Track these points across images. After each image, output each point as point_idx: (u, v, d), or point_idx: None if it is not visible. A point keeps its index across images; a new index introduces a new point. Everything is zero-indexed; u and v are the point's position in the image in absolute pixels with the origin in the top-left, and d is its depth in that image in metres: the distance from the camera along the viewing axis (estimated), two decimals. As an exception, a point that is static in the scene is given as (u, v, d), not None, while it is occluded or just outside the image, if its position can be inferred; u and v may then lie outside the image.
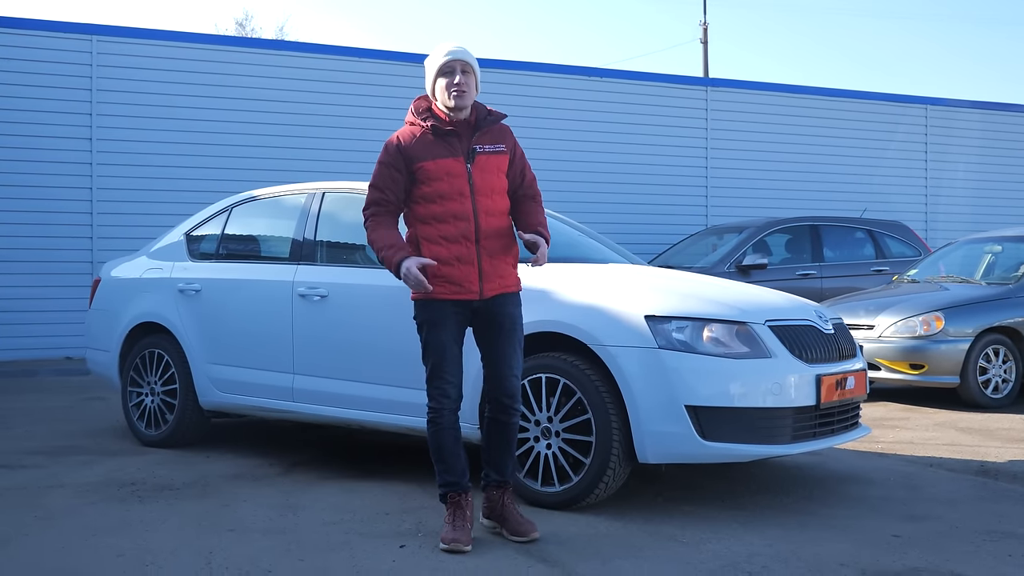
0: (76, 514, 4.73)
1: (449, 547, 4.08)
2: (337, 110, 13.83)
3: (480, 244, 4.17)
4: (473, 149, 4.20)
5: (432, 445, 4.25)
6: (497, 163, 4.27)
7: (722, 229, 12.92)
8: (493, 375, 4.29)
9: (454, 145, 4.19)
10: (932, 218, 17.71)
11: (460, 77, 4.17)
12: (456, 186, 4.15)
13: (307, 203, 6.12)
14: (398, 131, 4.27)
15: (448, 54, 4.18)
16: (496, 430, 4.33)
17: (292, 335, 5.81)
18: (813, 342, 4.95)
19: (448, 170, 4.15)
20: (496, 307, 4.24)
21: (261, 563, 3.94)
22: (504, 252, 4.25)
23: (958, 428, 7.42)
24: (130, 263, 7.19)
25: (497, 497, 4.33)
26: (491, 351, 4.29)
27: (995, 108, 18.52)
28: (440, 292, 4.16)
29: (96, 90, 12.72)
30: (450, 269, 4.14)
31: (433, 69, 4.22)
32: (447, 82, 4.18)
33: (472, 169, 4.19)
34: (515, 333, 4.29)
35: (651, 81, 15.94)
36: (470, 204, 4.17)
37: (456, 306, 4.19)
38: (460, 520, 4.18)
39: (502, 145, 4.29)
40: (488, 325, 4.27)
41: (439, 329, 4.19)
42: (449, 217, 4.15)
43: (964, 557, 4.06)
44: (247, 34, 39.95)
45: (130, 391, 6.71)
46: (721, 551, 4.12)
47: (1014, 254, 9.71)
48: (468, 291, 4.17)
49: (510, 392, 4.27)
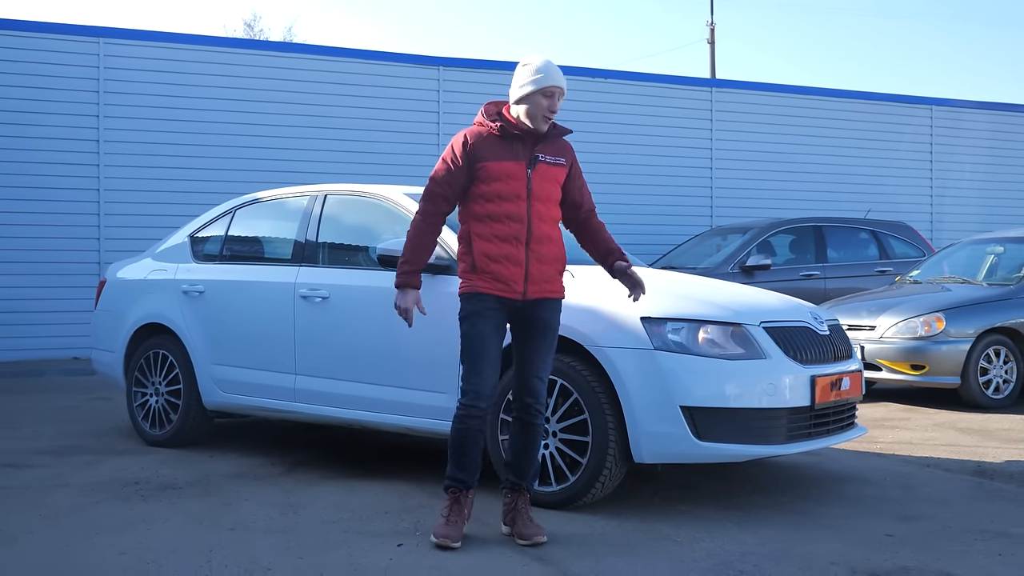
0: (80, 513, 4.80)
1: (439, 542, 4.15)
2: (343, 112, 13.90)
3: (530, 247, 4.27)
4: (536, 156, 4.32)
5: (453, 440, 4.28)
6: (555, 174, 4.38)
7: (726, 230, 12.96)
8: (520, 375, 4.37)
9: (518, 150, 4.29)
10: (937, 219, 17.72)
11: (557, 103, 4.29)
12: (514, 188, 4.25)
13: (309, 205, 6.18)
14: (466, 130, 4.37)
15: (557, 79, 4.27)
16: (520, 430, 4.38)
17: (294, 336, 5.88)
18: (808, 343, 5.00)
19: (509, 172, 4.25)
20: (536, 310, 4.32)
21: (261, 561, 4.00)
22: (552, 258, 4.35)
23: (958, 428, 7.46)
24: (135, 264, 7.26)
25: (511, 501, 4.37)
26: (522, 352, 4.37)
27: (1000, 109, 18.51)
28: (484, 287, 4.24)
29: (103, 92, 12.81)
30: (498, 267, 4.23)
31: (535, 85, 4.26)
32: (547, 104, 4.27)
33: (532, 175, 4.29)
34: (548, 337, 4.37)
35: (655, 82, 15.98)
36: (525, 207, 4.26)
37: (499, 303, 4.27)
38: (456, 516, 4.24)
39: (563, 159, 4.42)
40: (524, 326, 4.35)
41: (480, 321, 4.25)
42: (504, 217, 4.24)
43: (955, 556, 4.11)
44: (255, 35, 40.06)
45: (135, 391, 6.78)
46: (715, 550, 4.17)
47: (1016, 255, 9.74)
48: (512, 290, 4.25)
49: (534, 393, 4.34)
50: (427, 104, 14.38)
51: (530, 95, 4.27)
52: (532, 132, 4.31)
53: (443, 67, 14.55)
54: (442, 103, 14.43)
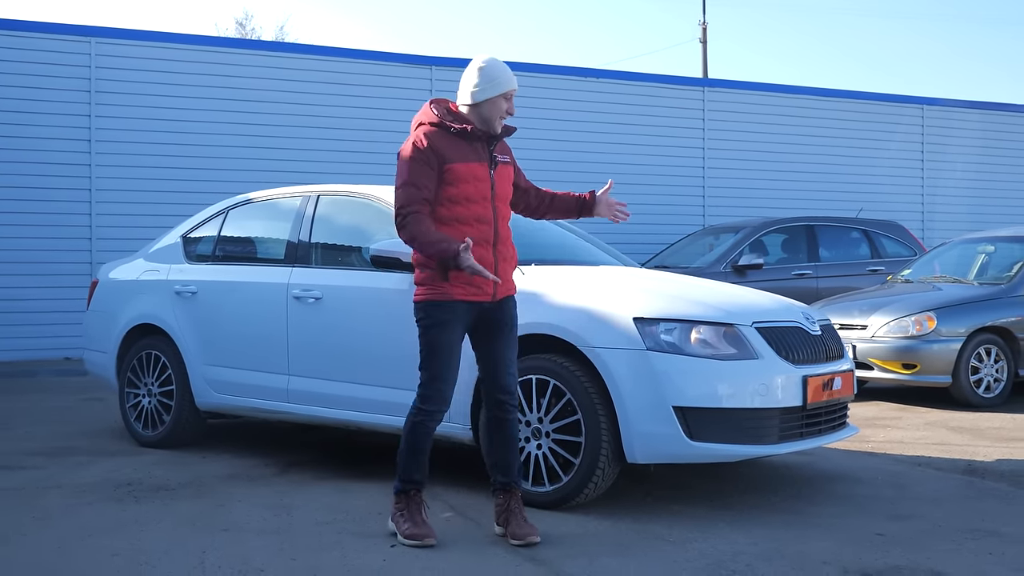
0: (73, 514, 4.80)
1: (421, 542, 4.18)
2: (335, 112, 13.89)
3: (496, 248, 4.30)
4: (494, 157, 4.35)
5: (410, 445, 4.31)
6: (508, 173, 4.45)
7: (719, 229, 12.98)
8: (491, 374, 4.38)
9: (479, 151, 4.31)
10: (928, 218, 17.77)
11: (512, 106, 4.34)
12: (481, 190, 4.27)
13: (302, 206, 6.18)
14: (423, 131, 4.28)
15: (514, 79, 4.33)
16: (497, 428, 4.40)
17: (287, 337, 5.88)
18: (800, 343, 5.02)
19: (475, 174, 4.26)
20: (502, 309, 4.37)
21: (254, 562, 4.01)
22: (511, 257, 4.43)
23: (949, 427, 7.49)
24: (127, 265, 7.25)
25: (504, 501, 4.37)
26: (490, 351, 4.39)
27: (991, 108, 18.57)
28: (459, 293, 4.24)
29: (95, 92, 12.78)
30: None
31: (496, 89, 4.27)
32: (506, 107, 4.32)
33: (494, 175, 4.32)
34: (514, 334, 4.43)
35: (648, 82, 16.00)
36: (491, 208, 4.29)
37: (469, 307, 4.28)
38: (418, 516, 4.28)
39: (508, 157, 4.47)
40: (492, 326, 4.37)
41: (448, 330, 4.26)
42: (473, 220, 4.25)
43: (945, 555, 4.13)
44: (247, 34, 40.00)
45: (127, 392, 6.78)
46: (707, 550, 4.18)
47: (1007, 254, 9.77)
48: (484, 293, 4.28)
49: (508, 389, 4.37)
50: (419, 104, 14.14)
51: (492, 99, 4.28)
52: (485, 132, 4.33)
53: (435, 66, 14.54)
54: (434, 102, 14.39)
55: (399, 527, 4.28)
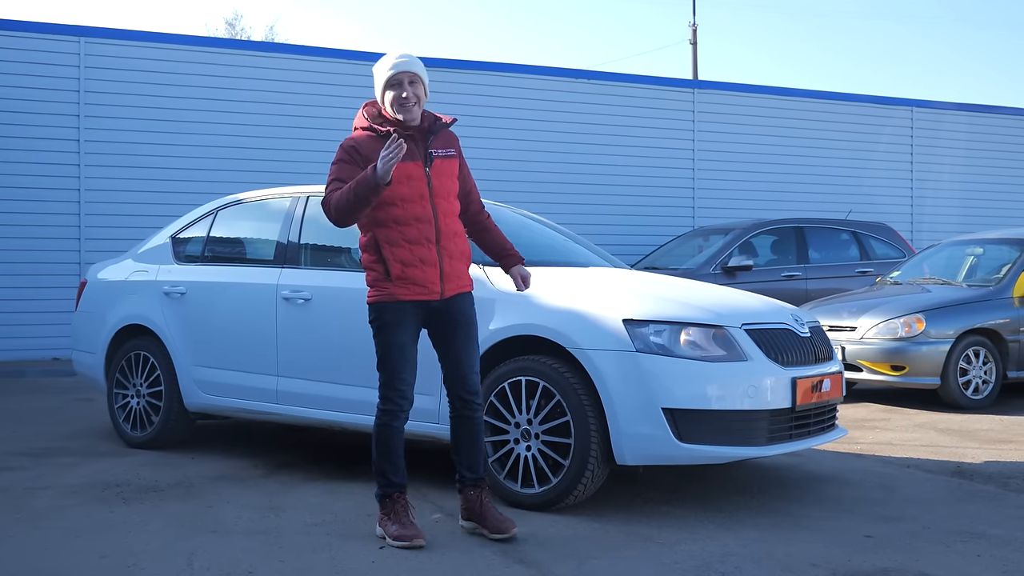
0: (60, 516, 4.78)
1: (410, 544, 4.17)
2: (326, 112, 13.86)
3: (440, 245, 4.27)
4: (430, 153, 4.30)
5: (381, 447, 4.31)
6: (450, 167, 4.38)
7: (708, 231, 13.00)
8: (453, 373, 4.38)
9: (412, 150, 4.26)
10: (918, 220, 17.82)
11: (408, 90, 4.25)
12: (416, 189, 4.24)
13: (292, 207, 6.17)
14: (352, 136, 4.32)
15: (393, 67, 4.26)
16: (463, 426, 4.41)
17: (276, 338, 5.86)
18: (789, 345, 5.02)
19: (408, 173, 4.22)
20: (454, 307, 4.34)
21: (242, 564, 3.99)
22: (460, 253, 4.37)
23: (937, 429, 7.50)
24: (116, 265, 7.23)
25: (475, 497, 4.39)
26: (450, 350, 4.38)
27: (980, 110, 18.64)
28: (403, 293, 4.24)
29: (84, 91, 12.75)
30: (414, 271, 4.23)
31: (381, 81, 4.29)
32: (394, 95, 4.26)
33: (430, 173, 4.28)
34: (472, 331, 4.40)
35: (638, 83, 16.01)
36: (430, 206, 4.26)
37: (416, 307, 4.28)
38: (405, 518, 4.27)
39: (452, 150, 4.41)
40: (447, 325, 4.36)
41: (399, 330, 4.26)
42: (411, 220, 4.23)
43: (934, 557, 4.13)
44: (237, 34, 39.96)
45: (116, 393, 6.75)
46: (696, 551, 4.19)
47: (996, 256, 9.81)
48: (431, 292, 4.26)
49: (471, 388, 4.37)
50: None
51: (383, 93, 4.30)
52: (419, 128, 4.30)
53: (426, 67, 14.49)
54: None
55: (387, 530, 4.27)
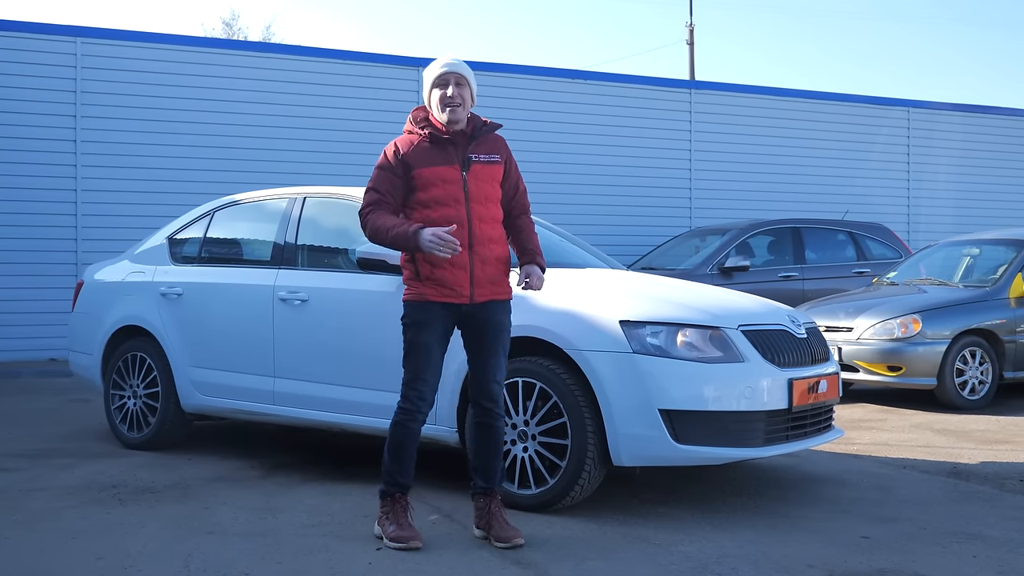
0: (56, 517, 4.77)
1: (407, 545, 4.17)
2: (323, 112, 13.87)
3: (473, 250, 4.27)
4: (469, 158, 4.32)
5: (393, 446, 4.31)
6: (492, 172, 4.38)
7: (705, 231, 13.01)
8: (476, 380, 4.39)
9: (450, 153, 4.30)
10: (914, 220, 17.84)
11: (453, 90, 4.29)
12: (451, 192, 4.26)
13: (288, 207, 6.17)
14: (396, 139, 4.38)
15: (443, 67, 4.32)
16: (481, 434, 4.41)
17: (273, 339, 5.86)
18: (786, 346, 5.02)
19: (443, 177, 4.26)
20: (485, 313, 4.33)
21: (239, 566, 3.99)
22: (496, 259, 4.35)
23: (934, 430, 7.51)
24: (113, 266, 7.23)
25: (484, 505, 4.38)
26: (476, 357, 4.38)
27: (976, 111, 18.66)
28: (431, 294, 4.25)
29: (81, 92, 12.74)
30: (443, 272, 4.24)
31: (428, 81, 4.35)
32: (440, 95, 4.30)
33: (467, 177, 4.29)
34: (500, 340, 4.37)
35: (635, 84, 16.01)
36: (464, 210, 4.27)
37: (445, 309, 4.27)
38: (403, 519, 4.27)
39: (497, 156, 4.41)
40: (475, 330, 4.36)
41: (426, 331, 4.27)
42: (444, 222, 4.23)
43: (930, 558, 4.14)
44: (234, 34, 39.91)
45: (112, 394, 6.75)
46: (693, 552, 4.19)
47: (992, 257, 9.82)
48: (459, 295, 4.26)
49: (492, 397, 4.36)
50: (407, 105, 14.31)
51: (429, 94, 4.34)
52: (461, 133, 4.32)
53: (423, 68, 14.40)
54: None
55: (384, 530, 4.28)
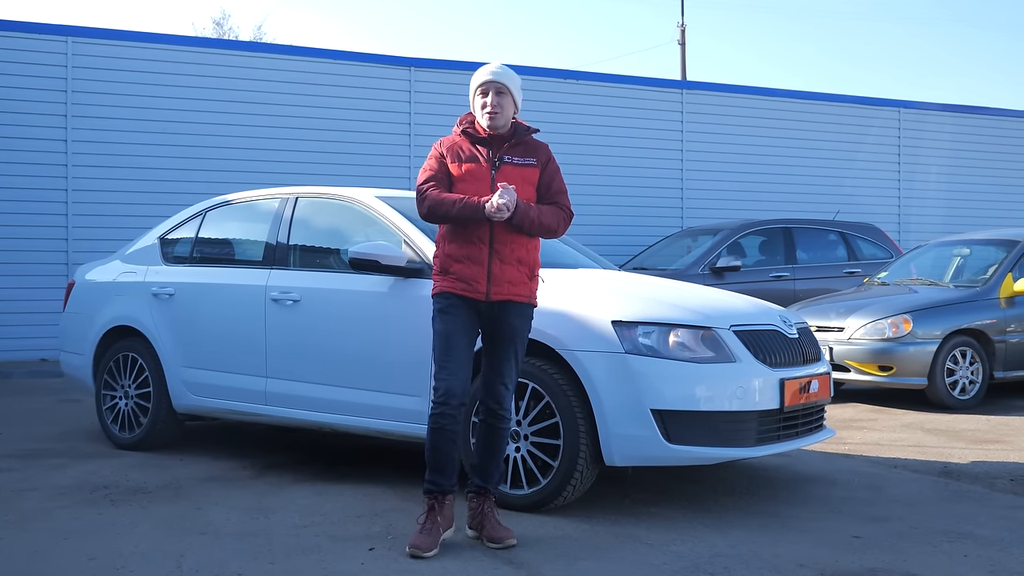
0: (48, 518, 4.77)
1: (410, 552, 4.13)
2: (314, 112, 13.84)
3: (493, 248, 4.30)
4: (501, 158, 4.38)
5: (427, 442, 4.29)
6: (523, 175, 4.42)
7: (697, 231, 13.03)
8: (486, 380, 4.41)
9: (483, 153, 4.39)
10: (904, 220, 17.88)
11: (493, 98, 4.37)
12: (477, 189, 4.32)
13: (280, 208, 6.17)
14: (440, 139, 4.51)
15: (487, 75, 4.40)
16: (486, 433, 4.42)
17: (265, 339, 5.86)
18: (777, 347, 5.04)
19: (472, 173, 4.34)
20: (501, 314, 4.35)
21: (231, 566, 3.99)
22: (517, 260, 4.36)
23: (925, 429, 7.54)
24: (104, 267, 7.21)
25: (477, 505, 4.38)
26: (489, 357, 4.41)
27: (967, 111, 18.71)
28: (448, 286, 4.32)
29: (71, 91, 12.70)
30: (459, 266, 4.29)
31: (473, 87, 4.45)
32: (482, 102, 4.40)
33: (496, 176, 4.35)
34: (513, 344, 4.38)
35: (626, 84, 16.03)
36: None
37: (464, 302, 4.32)
38: (431, 524, 4.22)
39: (532, 159, 4.46)
40: (491, 331, 4.39)
41: (447, 319, 4.30)
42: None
43: (921, 558, 4.16)
44: (224, 33, 39.86)
45: (104, 394, 6.74)
46: (685, 552, 4.20)
47: (982, 257, 9.85)
48: (475, 291, 4.29)
49: (499, 399, 4.38)
50: (398, 105, 14.36)
51: (472, 99, 4.45)
52: (500, 136, 4.40)
53: (414, 68, 14.53)
54: (413, 104, 14.41)
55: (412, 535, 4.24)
